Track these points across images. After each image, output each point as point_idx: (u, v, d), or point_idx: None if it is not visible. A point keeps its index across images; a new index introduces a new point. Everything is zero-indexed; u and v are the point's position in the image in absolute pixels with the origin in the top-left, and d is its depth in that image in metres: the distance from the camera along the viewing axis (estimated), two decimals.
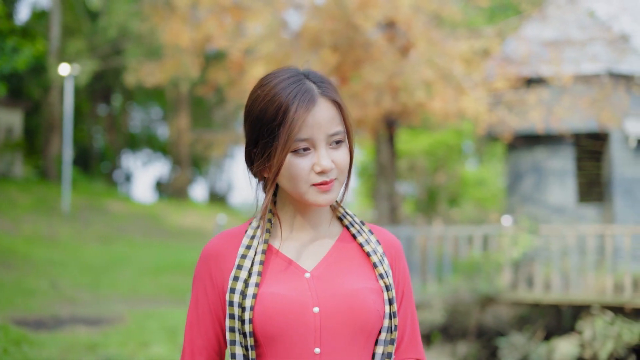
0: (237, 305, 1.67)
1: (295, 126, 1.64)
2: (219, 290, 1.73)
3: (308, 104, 1.66)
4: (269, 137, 1.67)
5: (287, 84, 1.68)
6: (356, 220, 1.82)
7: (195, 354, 1.75)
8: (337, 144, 1.69)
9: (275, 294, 1.66)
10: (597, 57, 12.90)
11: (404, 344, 1.81)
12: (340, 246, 1.78)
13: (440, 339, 11.26)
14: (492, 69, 12.94)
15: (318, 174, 1.67)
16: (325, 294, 1.69)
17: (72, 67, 19.37)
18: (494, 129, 13.67)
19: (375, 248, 1.78)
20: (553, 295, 11.06)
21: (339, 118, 1.70)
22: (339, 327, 1.67)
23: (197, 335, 1.75)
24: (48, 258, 13.41)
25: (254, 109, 1.71)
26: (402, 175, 21.45)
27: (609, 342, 10.19)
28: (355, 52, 11.94)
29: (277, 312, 1.65)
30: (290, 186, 1.69)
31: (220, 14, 12.22)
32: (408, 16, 11.33)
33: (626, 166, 13.64)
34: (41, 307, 9.41)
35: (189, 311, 1.78)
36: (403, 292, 1.82)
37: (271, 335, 1.65)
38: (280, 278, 1.69)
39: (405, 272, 1.84)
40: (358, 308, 1.68)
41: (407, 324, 1.82)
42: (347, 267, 1.74)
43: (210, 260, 1.75)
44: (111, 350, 6.75)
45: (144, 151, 39.12)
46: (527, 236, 11.47)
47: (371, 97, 11.78)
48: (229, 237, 1.78)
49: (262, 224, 1.75)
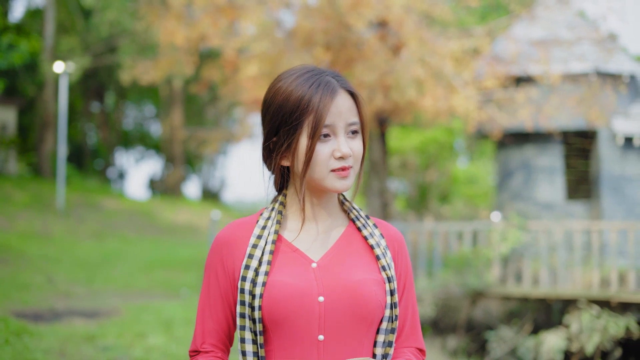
0: (247, 293, 1.74)
1: (324, 112, 1.73)
2: (230, 277, 1.81)
3: (332, 93, 1.75)
4: (291, 124, 1.74)
5: (308, 77, 1.78)
6: (361, 214, 1.91)
7: (206, 335, 1.83)
8: (353, 134, 1.79)
9: (282, 282, 1.73)
10: (585, 57, 13.10)
11: (404, 334, 1.88)
12: (346, 238, 1.85)
13: (430, 332, 11.44)
14: (482, 67, 13.12)
15: (337, 160, 1.75)
16: (330, 283, 1.76)
17: (66, 65, 19.46)
18: (483, 127, 13.86)
19: (379, 241, 1.86)
20: (541, 289, 11.27)
21: (356, 110, 1.80)
22: (342, 316, 1.74)
23: (209, 318, 1.83)
24: (43, 254, 13.54)
25: (275, 100, 1.78)
26: (394, 173, 21.63)
27: (596, 335, 10.40)
28: (348, 51, 12.11)
29: (284, 299, 1.72)
30: (310, 172, 1.76)
31: (214, 13, 12.36)
32: (399, 16, 11.50)
33: (614, 164, 13.85)
34: (38, 301, 9.54)
35: (200, 296, 1.86)
36: (405, 284, 1.89)
37: (277, 321, 1.72)
38: (289, 267, 1.77)
39: (407, 265, 1.91)
40: (361, 298, 1.75)
41: (408, 315, 1.89)
42: (352, 259, 1.82)
43: (223, 248, 1.83)
44: (109, 340, 6.91)
45: (137, 148, 39.19)
46: (515, 232, 11.67)
47: (363, 96, 11.92)
48: (240, 226, 1.85)
49: (274, 215, 1.83)
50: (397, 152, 20.99)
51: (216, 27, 12.28)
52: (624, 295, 10.63)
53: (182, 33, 12.42)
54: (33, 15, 28.17)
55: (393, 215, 14.54)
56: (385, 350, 1.81)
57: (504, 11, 16.18)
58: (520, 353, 10.88)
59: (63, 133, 19.52)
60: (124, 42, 23.92)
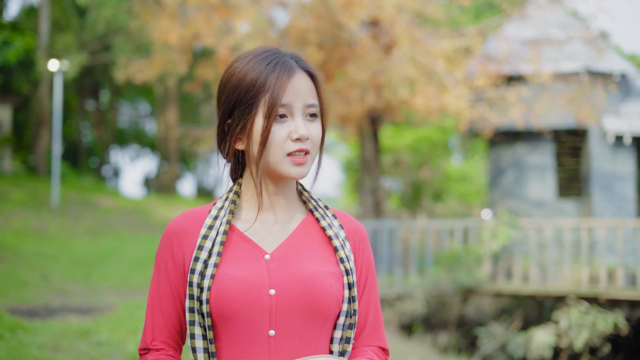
0: (196, 286, 1.65)
1: (280, 91, 1.64)
2: (180, 270, 1.71)
3: (290, 72, 1.67)
4: (247, 104, 1.66)
5: (265, 56, 1.71)
6: (320, 204, 1.81)
7: (156, 331, 1.72)
8: (312, 117, 1.70)
9: (232, 276, 1.65)
10: (576, 56, 13.23)
11: (365, 331, 1.78)
12: (303, 229, 1.76)
13: (421, 329, 11.55)
14: (473, 67, 13.24)
15: (294, 142, 1.66)
16: (282, 276, 1.67)
17: (61, 63, 19.51)
18: (475, 126, 13.98)
19: (338, 232, 1.76)
20: (531, 286, 11.40)
21: (315, 92, 1.71)
22: (294, 310, 1.65)
23: (159, 313, 1.73)
24: (38, 251, 13.61)
25: (231, 80, 1.70)
26: (388, 171, 21.73)
27: (584, 331, 10.53)
28: (340, 50, 12.22)
29: (233, 293, 1.63)
30: (265, 154, 1.67)
31: (208, 12, 12.46)
32: (391, 15, 11.61)
33: (604, 162, 13.97)
34: (33, 298, 9.63)
35: (150, 289, 1.75)
36: (366, 280, 1.79)
37: (226, 315, 1.63)
38: (240, 259, 1.68)
39: (369, 260, 1.81)
40: (314, 292, 1.65)
41: (369, 312, 1.79)
42: (308, 250, 1.72)
43: (173, 239, 1.73)
44: (103, 336, 7.00)
45: (132, 146, 39.23)
46: (506, 229, 11.79)
47: (355, 94, 12.07)
48: (192, 216, 1.76)
49: (227, 205, 1.75)
50: (390, 151, 21.10)
51: (210, 25, 12.37)
52: (612, 292, 10.77)
53: (176, 32, 12.51)
54: (28, 13, 28.20)
55: (386, 213, 14.65)
56: (343, 347, 1.71)
57: (498, 10, 16.30)
58: (510, 349, 11.00)
59: (58, 131, 19.57)
60: (119, 40, 23.98)
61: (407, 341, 10.86)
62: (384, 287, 11.76)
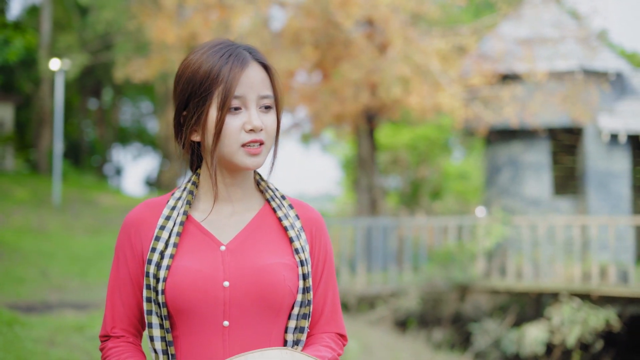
0: (152, 277, 1.67)
1: (233, 82, 1.66)
2: (138, 259, 1.73)
3: (243, 63, 1.69)
4: (201, 96, 1.68)
5: (219, 48, 1.72)
6: (277, 194, 1.82)
7: (116, 319, 1.75)
8: (266, 109, 1.71)
9: (186, 268, 1.67)
10: (570, 55, 13.31)
11: (323, 319, 1.81)
12: (259, 220, 1.78)
13: (415, 325, 11.66)
14: (468, 65, 13.33)
15: (248, 133, 1.68)
16: (236, 268, 1.68)
17: (62, 62, 19.65)
18: (470, 124, 14.07)
19: (293, 223, 1.78)
20: (524, 283, 11.50)
21: (269, 83, 1.73)
22: (247, 301, 1.67)
23: (119, 302, 1.75)
24: (38, 248, 13.74)
25: (186, 72, 1.72)
26: (386, 169, 21.83)
27: (577, 327, 10.62)
28: (335, 49, 12.34)
29: (187, 286, 1.65)
30: (220, 146, 1.69)
31: (205, 11, 12.58)
32: (386, 15, 11.72)
33: (600, 160, 14.04)
34: (31, 294, 9.76)
35: (110, 278, 1.77)
36: (324, 268, 1.82)
37: (181, 307, 1.66)
38: (195, 251, 1.70)
39: (326, 248, 1.83)
40: (266, 283, 1.68)
41: (328, 299, 1.81)
42: (263, 241, 1.74)
43: (131, 229, 1.75)
44: (97, 330, 7.12)
45: (134, 145, 39.37)
46: (499, 227, 11.89)
47: (350, 93, 12.18)
48: (150, 207, 1.78)
49: (184, 195, 1.76)
50: (388, 149, 21.20)
51: (207, 25, 12.49)
52: (604, 289, 10.86)
53: (174, 31, 12.63)
54: (30, 12, 28.36)
55: (382, 211, 14.77)
56: (297, 337, 1.74)
57: (495, 9, 16.39)
58: (503, 345, 11.11)
59: (60, 129, 19.71)
60: (120, 39, 24.12)
61: (402, 337, 10.97)
62: (378, 284, 11.88)
